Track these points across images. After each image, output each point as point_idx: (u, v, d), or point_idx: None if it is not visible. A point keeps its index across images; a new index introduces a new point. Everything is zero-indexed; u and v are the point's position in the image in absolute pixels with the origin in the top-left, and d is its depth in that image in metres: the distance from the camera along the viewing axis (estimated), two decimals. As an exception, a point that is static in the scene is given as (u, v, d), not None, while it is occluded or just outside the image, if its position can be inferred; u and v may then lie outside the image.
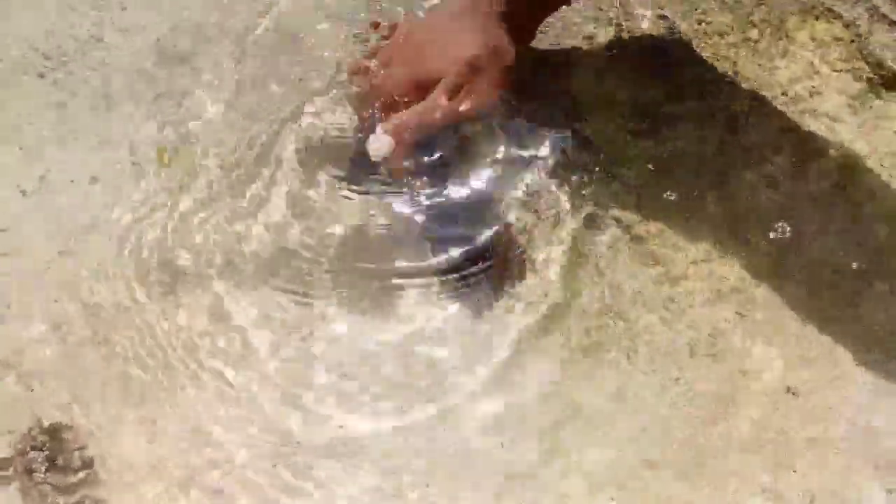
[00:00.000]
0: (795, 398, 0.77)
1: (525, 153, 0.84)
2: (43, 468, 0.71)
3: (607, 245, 0.81)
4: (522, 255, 0.80)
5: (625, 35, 0.90)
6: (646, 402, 0.76)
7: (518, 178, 0.83)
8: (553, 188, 0.83)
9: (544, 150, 0.84)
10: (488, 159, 0.83)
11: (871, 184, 0.85)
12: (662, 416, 0.76)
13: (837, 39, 0.91)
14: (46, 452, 0.72)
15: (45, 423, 0.73)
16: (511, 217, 0.82)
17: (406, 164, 0.79)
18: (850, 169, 0.86)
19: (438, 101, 0.77)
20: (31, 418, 0.73)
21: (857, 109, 0.88)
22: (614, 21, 0.90)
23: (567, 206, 0.83)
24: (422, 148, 0.80)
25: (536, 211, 0.82)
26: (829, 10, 0.93)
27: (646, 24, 0.90)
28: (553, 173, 0.84)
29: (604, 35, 0.89)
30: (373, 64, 0.82)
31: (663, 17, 0.91)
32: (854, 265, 0.82)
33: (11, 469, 0.71)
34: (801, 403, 0.77)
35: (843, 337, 0.80)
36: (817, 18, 0.92)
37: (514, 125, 0.84)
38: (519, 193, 0.83)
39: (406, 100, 0.78)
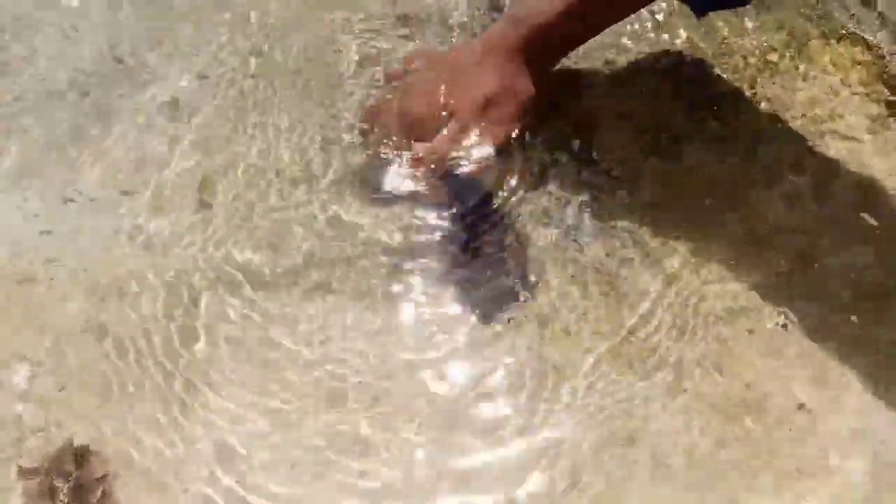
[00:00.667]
0: (808, 417, 0.78)
1: (541, 173, 0.86)
2: (66, 499, 0.73)
3: (621, 261, 0.83)
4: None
5: (644, 57, 0.91)
6: (654, 416, 0.77)
7: (533, 196, 0.85)
8: (569, 205, 0.85)
9: (561, 170, 0.86)
10: (506, 183, 0.85)
11: (889, 204, 0.86)
12: (670, 433, 0.77)
13: (858, 62, 0.92)
14: (71, 483, 0.73)
15: (75, 444, 0.75)
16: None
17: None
18: (869, 190, 0.86)
19: (452, 136, 0.81)
20: (61, 436, 0.75)
21: (876, 131, 0.89)
22: (632, 45, 0.91)
23: (583, 223, 0.84)
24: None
25: (552, 226, 0.84)
26: (853, 33, 0.94)
27: (667, 45, 0.92)
28: (569, 191, 0.85)
29: (624, 58, 0.91)
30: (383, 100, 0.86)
31: (685, 39, 0.92)
32: (871, 285, 0.82)
33: (39, 480, 0.74)
34: (813, 423, 0.77)
35: (858, 357, 0.79)
36: (839, 41, 0.93)
37: (530, 146, 0.86)
38: (534, 210, 0.85)
39: (420, 134, 0.83)
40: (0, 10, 0.96)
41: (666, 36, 0.92)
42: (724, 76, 0.91)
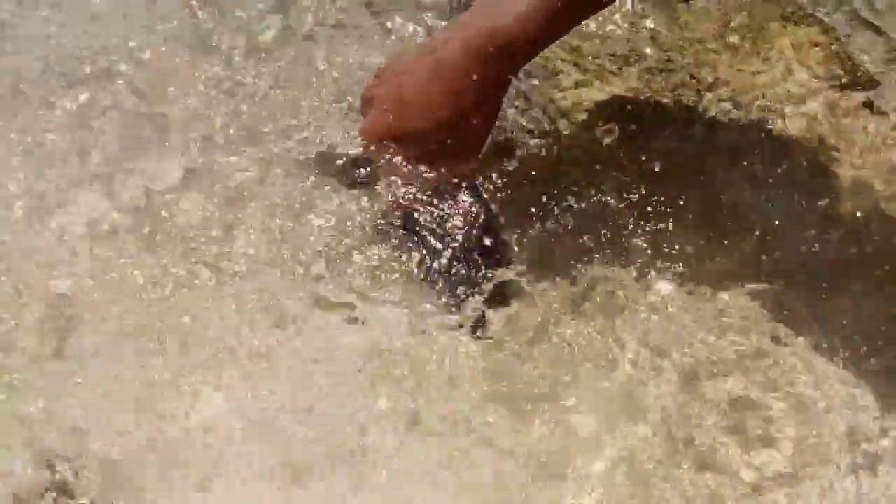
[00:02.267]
0: (773, 392, 0.80)
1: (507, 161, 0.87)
2: None
3: (587, 248, 0.84)
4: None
5: (606, 43, 0.93)
6: (625, 393, 0.79)
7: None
8: (533, 191, 0.85)
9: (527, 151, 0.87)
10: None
11: (847, 183, 0.88)
12: (644, 408, 0.79)
13: (815, 44, 0.94)
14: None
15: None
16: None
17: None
18: (828, 169, 0.89)
19: (407, 180, 0.77)
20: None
21: (833, 110, 0.91)
22: (596, 31, 0.93)
23: (548, 208, 0.85)
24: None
25: (519, 213, 0.85)
26: (810, 15, 0.96)
27: (627, 31, 0.93)
28: (534, 177, 0.86)
29: (587, 45, 0.92)
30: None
31: (646, 26, 0.94)
32: (830, 264, 0.84)
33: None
34: (776, 398, 0.80)
35: (817, 334, 0.82)
36: (797, 24, 0.95)
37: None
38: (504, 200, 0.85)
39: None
40: None
41: (628, 22, 0.94)
42: (685, 60, 0.92)
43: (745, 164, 0.88)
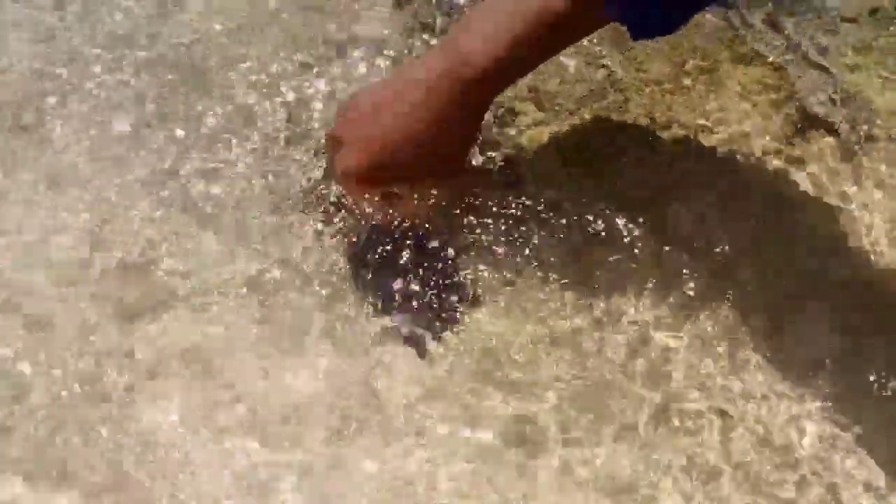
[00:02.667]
0: (726, 421, 0.82)
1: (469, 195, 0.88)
2: None
3: (541, 280, 0.85)
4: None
5: (563, 83, 0.95)
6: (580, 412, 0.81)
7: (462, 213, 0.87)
8: (492, 225, 0.87)
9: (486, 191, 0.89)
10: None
11: (795, 220, 0.91)
12: (609, 437, 0.81)
13: (766, 85, 0.97)
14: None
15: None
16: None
17: None
18: (776, 206, 0.91)
19: (389, 206, 0.79)
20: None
21: (783, 150, 0.94)
22: (554, 71, 0.95)
23: (506, 245, 0.87)
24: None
25: (479, 244, 0.86)
26: (759, 54, 0.99)
27: (585, 72, 0.96)
28: (493, 213, 0.88)
29: (546, 86, 0.95)
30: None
31: (603, 66, 0.97)
32: (778, 297, 0.87)
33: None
34: (729, 425, 0.82)
35: (769, 363, 0.84)
36: (748, 64, 0.98)
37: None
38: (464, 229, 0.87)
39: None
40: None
41: (585, 63, 0.96)
42: (642, 100, 0.95)
43: (696, 200, 0.91)
